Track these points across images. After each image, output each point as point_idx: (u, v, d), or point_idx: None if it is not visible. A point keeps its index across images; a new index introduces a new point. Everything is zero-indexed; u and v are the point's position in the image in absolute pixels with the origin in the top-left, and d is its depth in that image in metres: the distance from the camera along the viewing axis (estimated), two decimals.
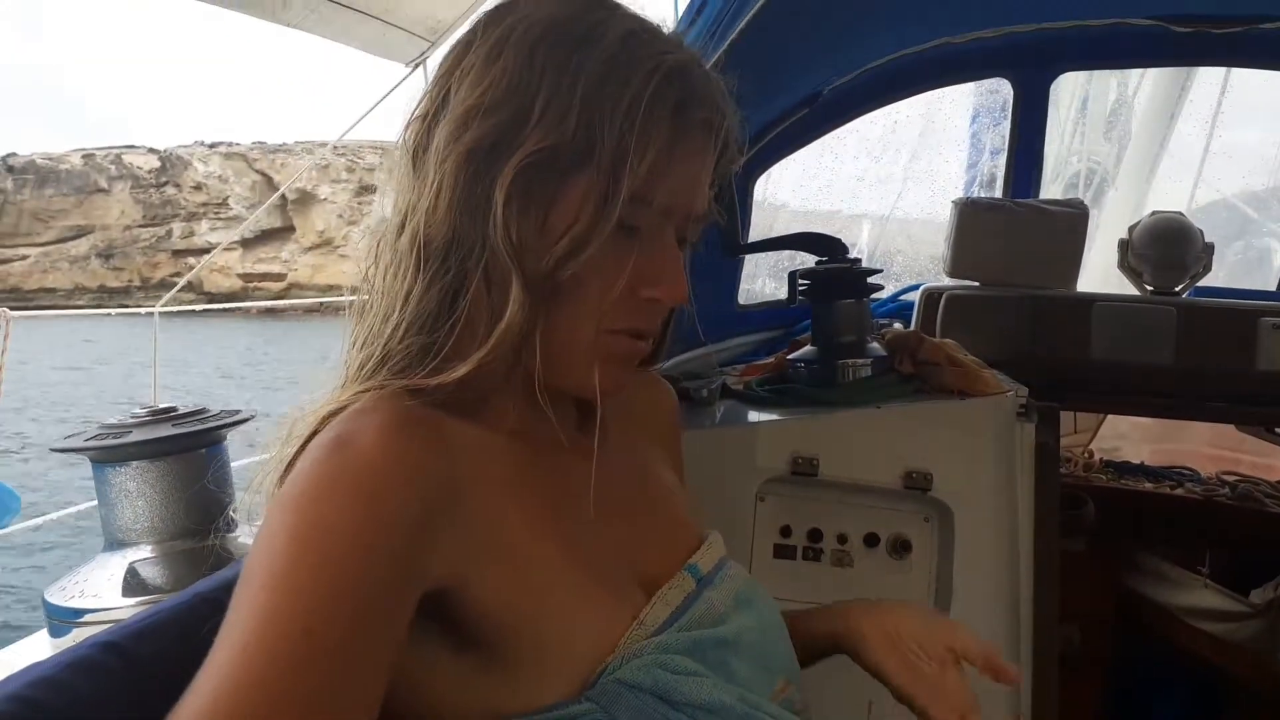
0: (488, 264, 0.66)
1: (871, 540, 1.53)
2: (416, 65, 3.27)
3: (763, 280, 2.44)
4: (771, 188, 2.32)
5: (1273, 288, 2.56)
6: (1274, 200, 3.21)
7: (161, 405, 1.93)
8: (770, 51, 1.67)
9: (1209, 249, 2.15)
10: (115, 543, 1.79)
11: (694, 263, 1.89)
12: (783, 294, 2.16)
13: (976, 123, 2.99)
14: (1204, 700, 2.34)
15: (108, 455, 1.78)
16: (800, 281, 1.68)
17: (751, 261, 2.32)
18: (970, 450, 1.51)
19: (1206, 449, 3.07)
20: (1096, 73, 3.47)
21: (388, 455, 0.59)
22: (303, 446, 0.64)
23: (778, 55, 1.74)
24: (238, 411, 1.95)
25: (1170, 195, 3.15)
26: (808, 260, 1.72)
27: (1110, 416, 3.06)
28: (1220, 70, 2.96)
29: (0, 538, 3.51)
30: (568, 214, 0.65)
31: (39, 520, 3.79)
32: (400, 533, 0.57)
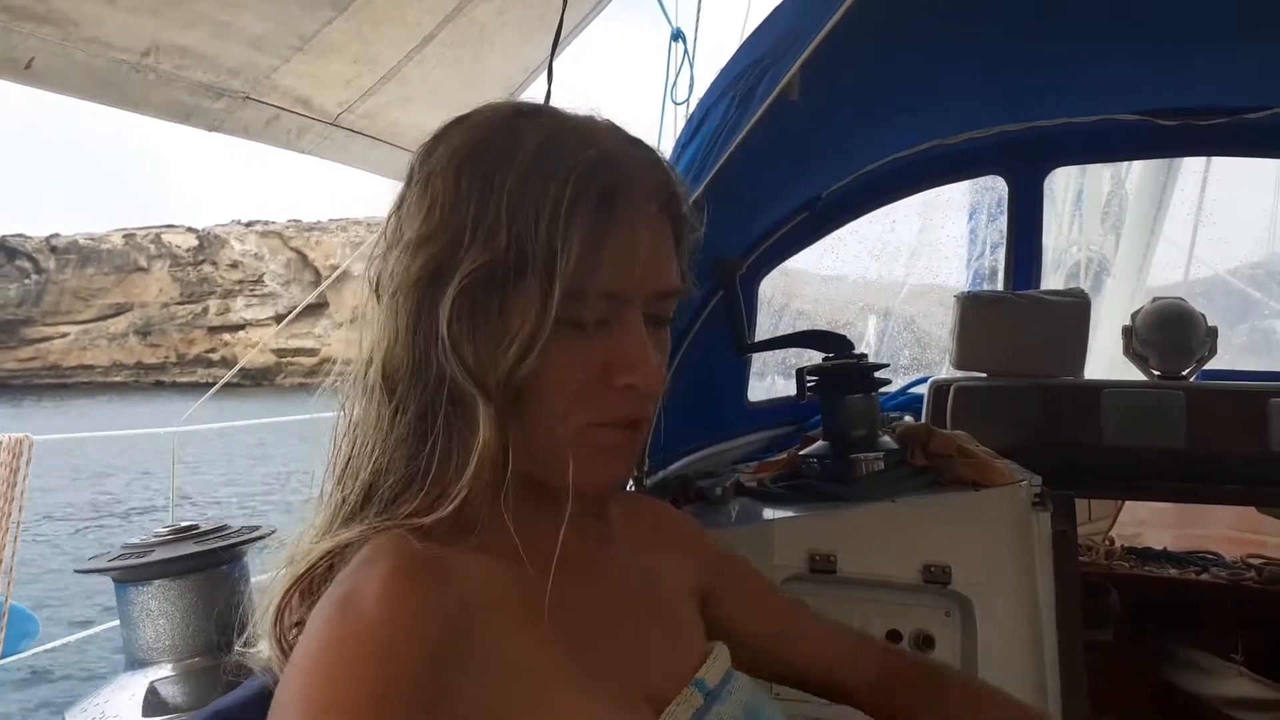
0: (450, 387, 0.68)
1: (894, 637, 1.51)
2: None
3: (772, 377, 2.46)
4: (776, 287, 2.37)
5: None
6: (1271, 280, 3.26)
7: (182, 523, 1.94)
8: (768, 160, 1.74)
9: (1213, 332, 2.17)
10: (136, 662, 1.78)
11: (703, 362, 1.93)
12: (792, 390, 2.18)
13: (974, 219, 3.07)
14: None
15: (131, 575, 1.79)
16: (809, 378, 1.71)
17: (761, 360, 2.35)
18: (987, 541, 1.51)
19: (1229, 532, 3.03)
20: (1090, 165, 3.57)
21: (395, 613, 0.59)
22: (301, 576, 0.66)
23: (776, 163, 1.81)
24: (258, 527, 1.96)
25: (1166, 279, 3.20)
26: (816, 358, 1.75)
27: (1129, 503, 3.04)
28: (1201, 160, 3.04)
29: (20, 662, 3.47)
30: (514, 323, 0.66)
31: (57, 643, 3.75)
32: (412, 693, 0.57)
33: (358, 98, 2.66)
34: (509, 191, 0.66)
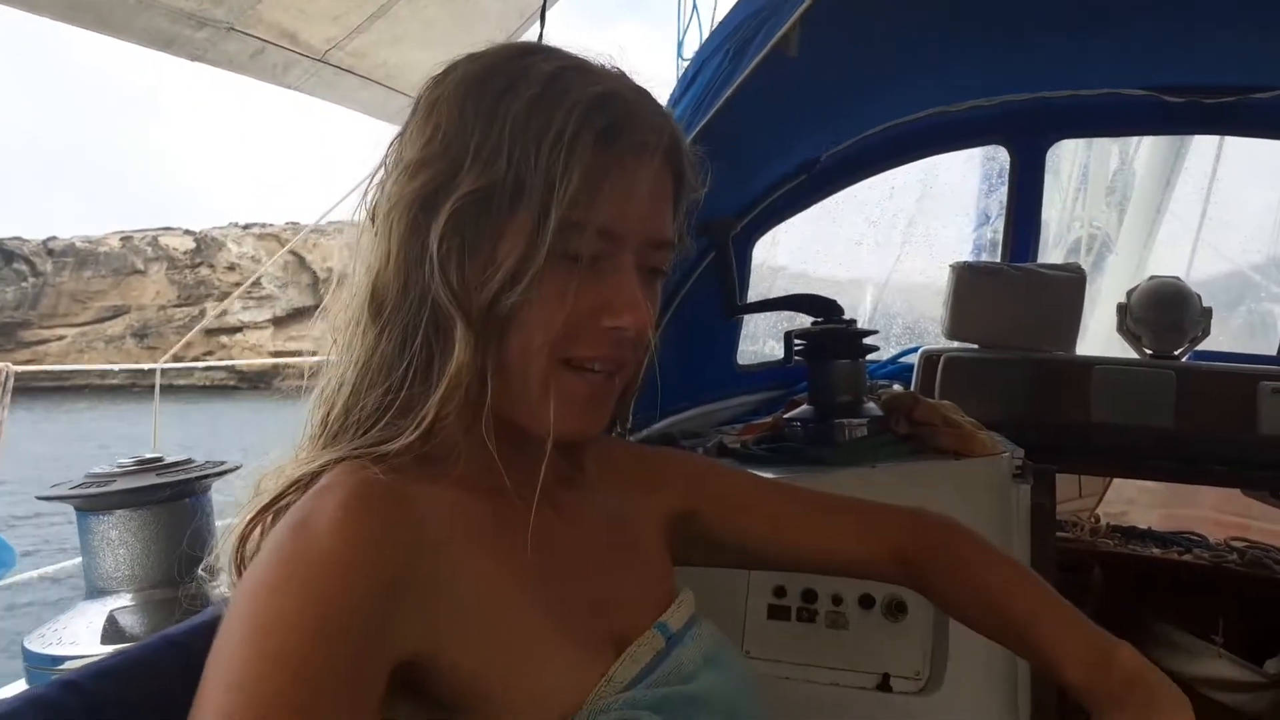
0: (434, 310, 0.67)
1: (867, 601, 1.52)
2: None
3: (763, 340, 2.45)
4: (770, 251, 2.35)
5: (1273, 352, 2.55)
6: (1273, 266, 3.23)
7: (148, 455, 1.94)
8: (765, 119, 1.72)
9: (1207, 313, 2.16)
10: (96, 591, 1.78)
11: (693, 323, 1.92)
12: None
13: (983, 188, 3.03)
14: None
15: (92, 504, 1.79)
16: (796, 341, 1.70)
17: (754, 324, 2.34)
18: (965, 511, 1.49)
19: (1214, 514, 3.05)
20: (1097, 141, 3.53)
21: (347, 539, 0.59)
22: (266, 506, 0.66)
23: (773, 122, 1.79)
24: (223, 462, 1.96)
25: (1170, 260, 3.18)
26: (806, 322, 1.74)
27: (1117, 481, 3.04)
28: (1215, 138, 3.00)
29: None
30: (504, 250, 0.66)
31: (32, 573, 3.78)
32: (360, 617, 0.57)
33: (346, 35, 2.61)
34: (513, 119, 0.66)
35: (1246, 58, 1.98)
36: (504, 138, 0.66)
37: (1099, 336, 2.76)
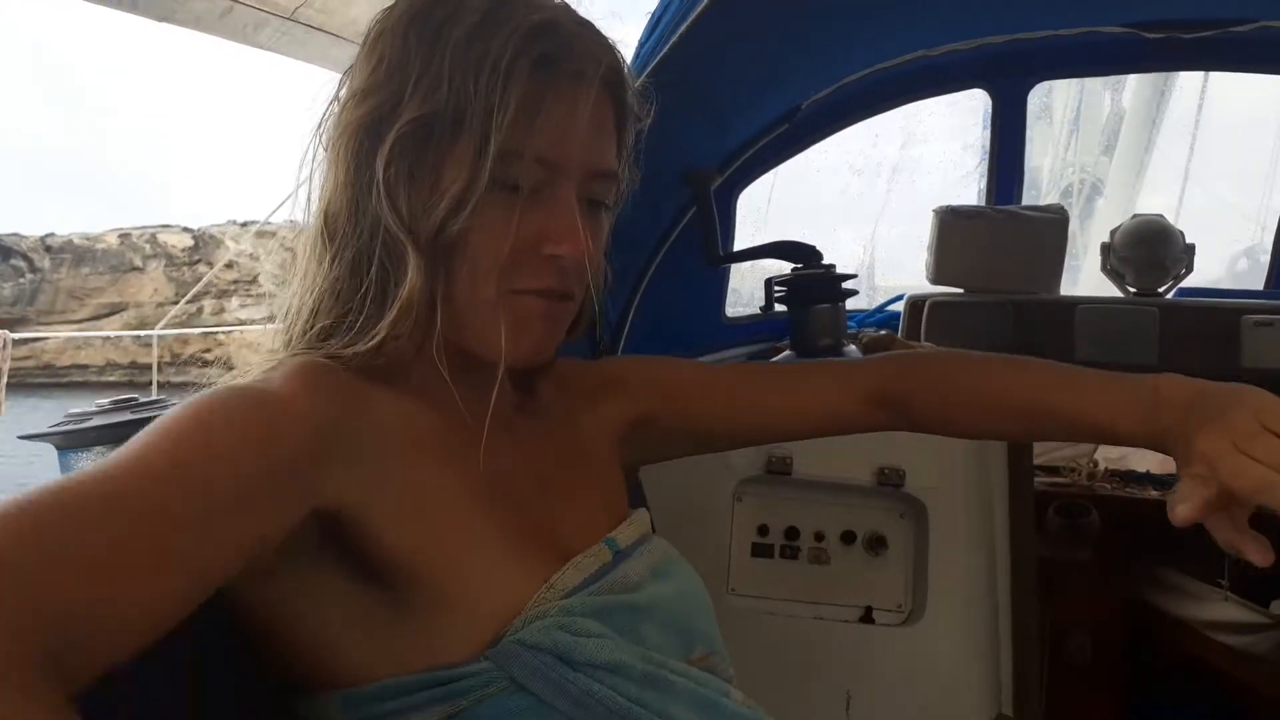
0: (384, 236, 0.69)
1: (848, 537, 1.56)
2: None
3: (751, 291, 2.47)
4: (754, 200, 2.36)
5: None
6: (1265, 204, 3.23)
7: (123, 396, 2.00)
8: (744, 67, 1.72)
9: (1190, 249, 2.17)
10: None
11: (677, 276, 1.94)
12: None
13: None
14: (1225, 715, 2.31)
15: (70, 441, 1.84)
16: (776, 288, 1.72)
17: (740, 276, 2.36)
18: (940, 447, 1.54)
19: None
20: (1089, 84, 3.51)
21: (285, 387, 0.63)
22: None
23: (752, 70, 1.79)
24: None
25: (1159, 202, 3.17)
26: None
27: None
28: (1198, 77, 2.99)
29: None
30: (449, 178, 0.68)
31: None
32: (285, 442, 0.60)
33: None
34: (452, 47, 0.68)
35: None
36: (444, 65, 0.68)
37: (1091, 278, 2.77)
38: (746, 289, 2.45)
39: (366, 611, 0.66)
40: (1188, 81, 3.06)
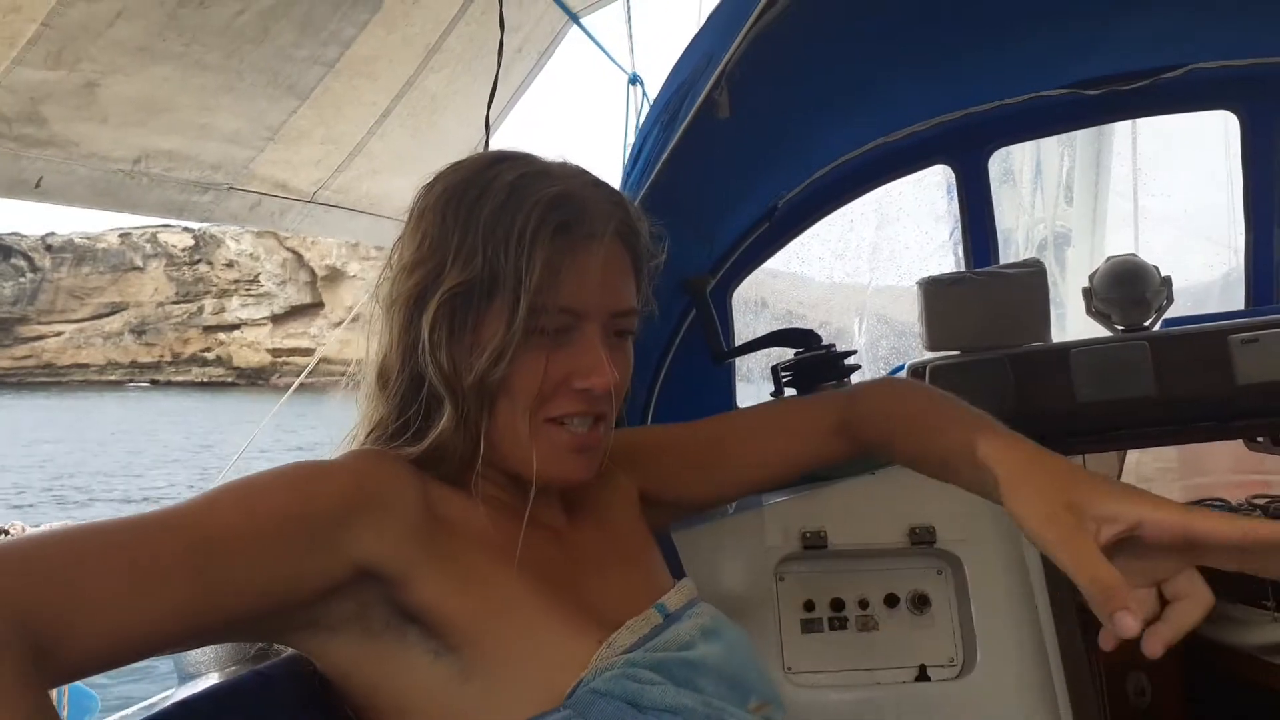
0: (429, 386, 0.82)
1: (891, 600, 1.60)
2: None
3: (759, 382, 2.56)
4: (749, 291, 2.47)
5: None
6: (1227, 225, 3.33)
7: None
8: (717, 177, 1.86)
9: (1167, 281, 2.25)
10: (186, 676, 1.83)
11: (688, 373, 2.03)
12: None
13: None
14: None
15: None
16: (782, 373, 1.81)
17: (747, 368, 2.45)
18: (966, 499, 1.58)
19: (1232, 477, 3.06)
20: (1044, 144, 3.69)
21: (347, 461, 0.77)
22: None
23: (725, 180, 1.93)
24: None
25: (1123, 240, 3.29)
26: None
27: (1133, 462, 3.09)
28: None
29: None
30: (488, 333, 0.81)
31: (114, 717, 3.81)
32: (323, 501, 0.72)
33: (329, 175, 2.88)
34: (484, 222, 0.81)
35: (1153, 41, 2.13)
36: (478, 239, 0.81)
37: (1078, 321, 2.85)
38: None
39: (446, 679, 0.75)
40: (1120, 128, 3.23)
